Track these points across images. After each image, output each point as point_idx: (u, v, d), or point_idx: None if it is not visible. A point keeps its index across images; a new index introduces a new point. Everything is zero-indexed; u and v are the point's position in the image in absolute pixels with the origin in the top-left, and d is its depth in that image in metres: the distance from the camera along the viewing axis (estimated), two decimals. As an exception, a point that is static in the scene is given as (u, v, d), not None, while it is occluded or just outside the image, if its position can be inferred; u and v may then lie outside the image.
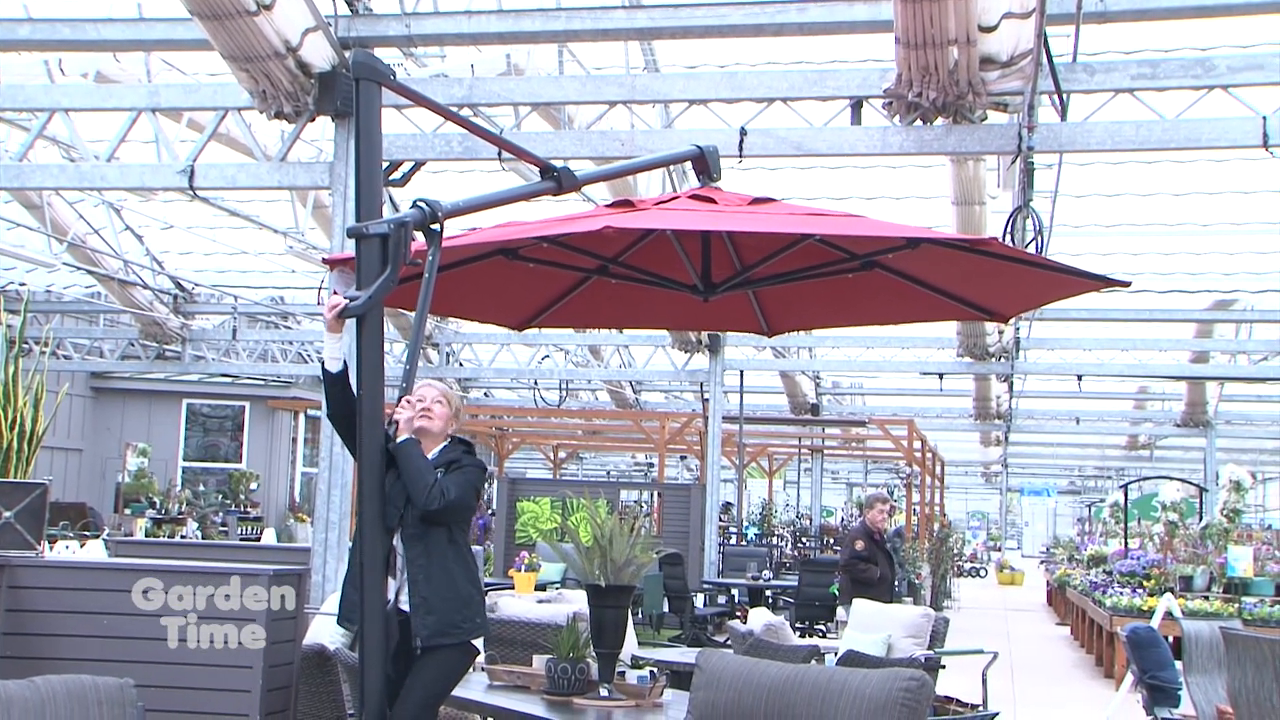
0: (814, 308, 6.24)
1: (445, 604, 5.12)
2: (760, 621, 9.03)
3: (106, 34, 9.98)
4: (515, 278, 5.61)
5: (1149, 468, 36.13)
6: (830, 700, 3.90)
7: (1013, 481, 48.60)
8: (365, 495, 4.77)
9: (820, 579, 15.50)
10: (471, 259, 5.42)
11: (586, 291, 5.88)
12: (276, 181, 10.88)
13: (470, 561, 5.36)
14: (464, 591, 5.19)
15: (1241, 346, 20.47)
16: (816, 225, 4.77)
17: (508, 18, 9.31)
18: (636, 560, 5.79)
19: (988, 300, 5.57)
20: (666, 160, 5.76)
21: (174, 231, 18.52)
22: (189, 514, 22.36)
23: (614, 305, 6.18)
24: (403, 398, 4.98)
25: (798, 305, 6.15)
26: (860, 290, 5.71)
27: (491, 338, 23.05)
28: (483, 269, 5.40)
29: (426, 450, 5.29)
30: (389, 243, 4.57)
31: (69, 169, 11.92)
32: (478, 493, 5.50)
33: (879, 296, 5.79)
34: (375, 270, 4.56)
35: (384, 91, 4.77)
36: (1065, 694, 13.95)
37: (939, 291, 5.50)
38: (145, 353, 22.50)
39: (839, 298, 5.93)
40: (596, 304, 6.08)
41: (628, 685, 5.79)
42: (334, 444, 9.21)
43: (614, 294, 5.93)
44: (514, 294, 5.89)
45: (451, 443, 5.42)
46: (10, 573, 5.58)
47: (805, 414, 25.82)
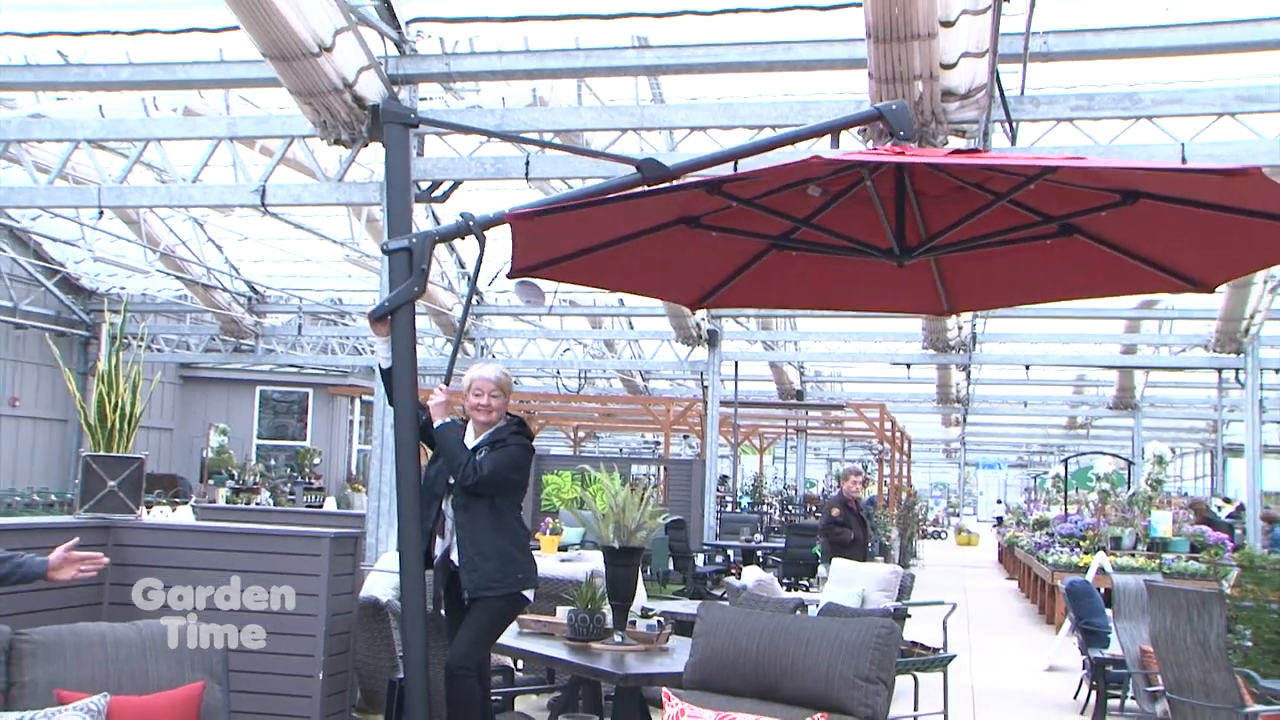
0: (999, 283, 5.07)
1: (487, 562, 5.17)
2: (752, 578, 9.06)
3: (193, 75, 10.02)
4: (692, 250, 4.72)
5: (1085, 444, 36.08)
6: (813, 645, 3.91)
7: (970, 457, 48.50)
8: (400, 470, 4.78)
9: (804, 541, 15.52)
10: (652, 229, 4.46)
11: (764, 267, 4.93)
12: (335, 199, 10.89)
13: (514, 525, 5.37)
14: (505, 551, 5.22)
15: (1164, 340, 20.54)
16: (1057, 161, 3.75)
17: (534, 56, 9.31)
18: (645, 525, 5.81)
19: (1193, 267, 4.48)
20: (841, 124, 4.57)
21: (248, 242, 18.58)
22: (262, 484, 22.47)
23: (788, 282, 5.12)
24: (444, 385, 5.02)
25: (982, 281, 5.03)
26: (1052, 260, 4.64)
27: (520, 333, 23.06)
28: (661, 240, 4.50)
29: (482, 430, 5.37)
30: (414, 255, 4.62)
31: (161, 190, 11.92)
32: (520, 467, 5.41)
33: (1072, 267, 4.69)
34: (403, 277, 4.61)
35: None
36: (1013, 638, 13.95)
37: (1139, 259, 4.44)
38: (224, 346, 22.59)
39: (1027, 270, 4.81)
40: (772, 280, 5.06)
41: (638, 632, 5.82)
42: (385, 424, 9.22)
43: (791, 269, 4.92)
44: (690, 269, 4.99)
45: (504, 424, 5.44)
46: (115, 533, 5.63)
47: (791, 399, 25.81)
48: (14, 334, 19.87)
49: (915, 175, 4.13)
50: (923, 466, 54.04)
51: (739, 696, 3.86)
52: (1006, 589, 21.15)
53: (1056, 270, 4.70)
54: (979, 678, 10.29)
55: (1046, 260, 4.59)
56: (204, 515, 11.07)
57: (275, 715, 5.23)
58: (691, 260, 4.80)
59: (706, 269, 4.95)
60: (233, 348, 22.55)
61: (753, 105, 10.14)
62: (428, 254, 4.62)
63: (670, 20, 8.96)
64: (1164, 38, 8.10)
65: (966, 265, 4.77)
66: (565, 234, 4.25)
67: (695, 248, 4.64)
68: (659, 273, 5.02)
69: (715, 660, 4.04)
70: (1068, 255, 4.44)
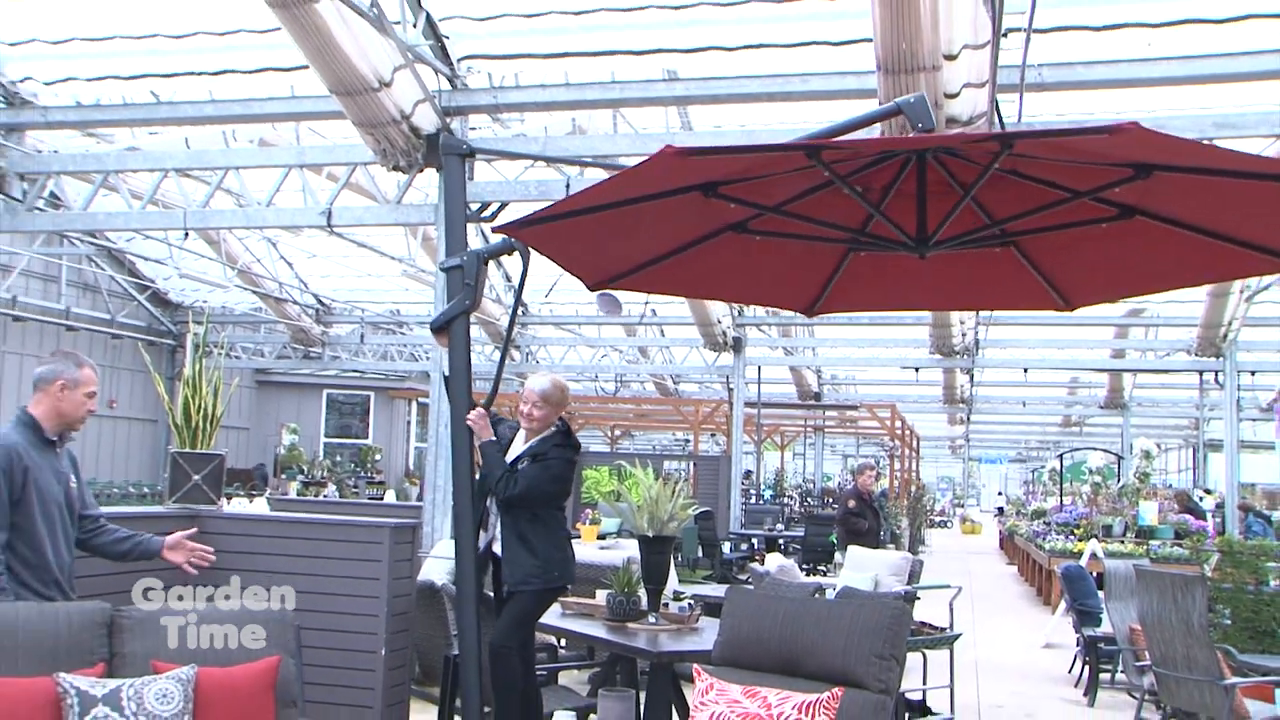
0: (1110, 274, 4.22)
1: (523, 562, 5.17)
2: (775, 564, 9.04)
3: (268, 109, 10.12)
4: (795, 255, 4.16)
5: (1079, 441, 35.83)
6: (831, 625, 3.90)
7: (973, 452, 48.19)
8: (456, 468, 4.82)
9: (822, 530, 15.45)
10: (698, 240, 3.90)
11: (853, 268, 4.27)
12: (393, 220, 10.99)
13: (552, 525, 5.31)
14: (542, 553, 5.19)
15: (1150, 345, 20.41)
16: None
17: (573, 89, 9.33)
18: (677, 516, 5.78)
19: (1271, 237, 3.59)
20: (863, 121, 3.99)
21: (316, 259, 18.72)
22: (329, 478, 22.57)
23: (890, 280, 4.42)
24: (489, 402, 4.98)
25: (1095, 274, 4.21)
26: (1138, 245, 3.81)
27: (562, 340, 23.10)
28: (726, 247, 3.97)
29: (529, 438, 5.33)
30: (466, 272, 4.68)
31: (239, 212, 12.03)
32: (558, 479, 5.32)
33: (1155, 253, 3.82)
34: (458, 292, 4.67)
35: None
36: (1013, 619, 13.84)
37: (1215, 235, 3.58)
38: (295, 354, 22.70)
39: (1119, 254, 3.98)
40: (871, 279, 4.37)
41: (671, 613, 5.81)
42: (439, 424, 9.27)
43: (888, 268, 4.24)
44: (795, 274, 4.35)
45: (551, 433, 5.37)
46: (200, 521, 5.65)
47: (810, 400, 25.70)
48: (111, 343, 20.13)
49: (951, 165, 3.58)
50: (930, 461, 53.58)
51: (764, 672, 3.85)
52: (1007, 573, 21.02)
53: (1153, 255, 3.92)
54: (982, 654, 10.23)
55: (1132, 242, 3.84)
56: (277, 506, 11.16)
57: (343, 687, 5.25)
58: (800, 262, 4.28)
59: (812, 270, 4.37)
60: (302, 355, 22.69)
61: (771, 131, 10.13)
62: (478, 270, 4.67)
63: (697, 55, 8.97)
64: (1147, 70, 8.05)
65: (1068, 260, 4.12)
66: (625, 247, 3.91)
67: (795, 252, 4.16)
68: (758, 279, 4.50)
69: (742, 639, 4.03)
70: (1148, 238, 3.72)
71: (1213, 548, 11.03)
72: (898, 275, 4.38)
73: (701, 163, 3.46)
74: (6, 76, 10.28)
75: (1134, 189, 3.33)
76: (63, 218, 12.80)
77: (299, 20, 7.90)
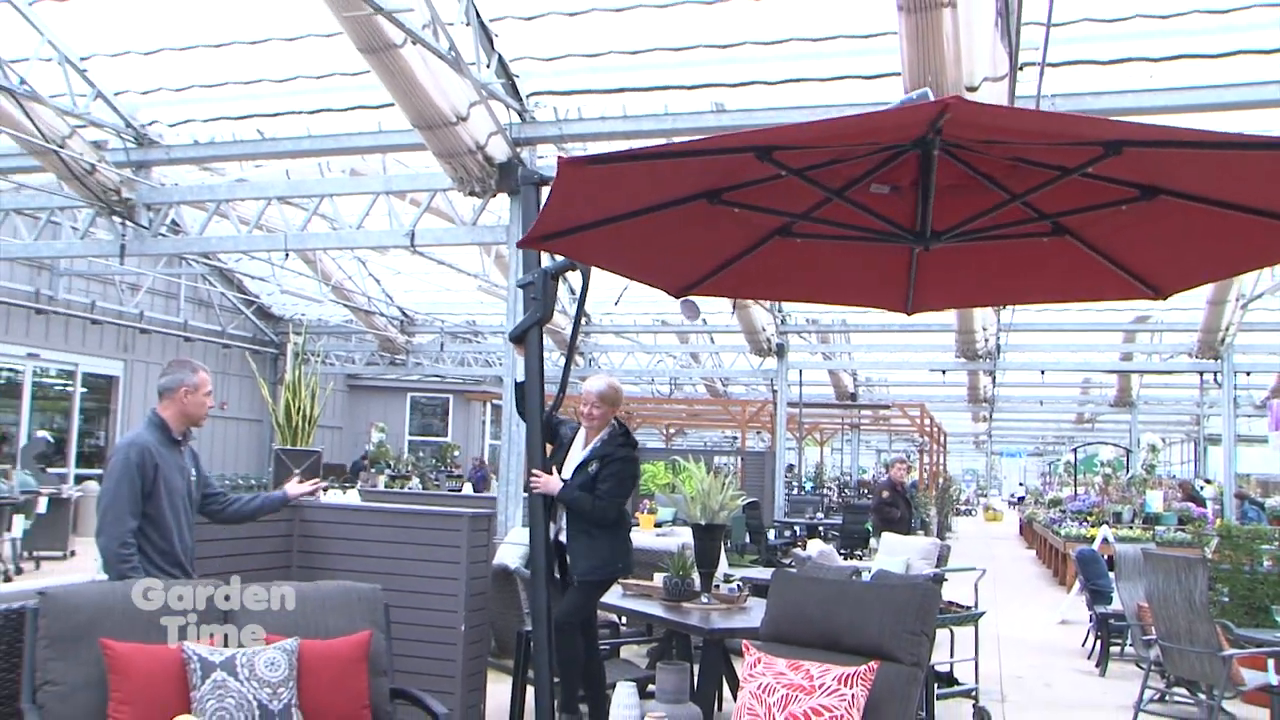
0: (971, 282, 4.11)
1: (586, 557, 5.16)
2: (815, 549, 8.99)
3: (358, 143, 10.23)
4: (697, 232, 3.74)
5: (1091, 436, 35.36)
6: (867, 605, 3.88)
7: (995, 447, 47.63)
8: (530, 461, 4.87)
9: (858, 518, 15.30)
10: (675, 201, 3.43)
11: (765, 254, 3.88)
12: (469, 240, 11.07)
13: (617, 526, 5.27)
14: (604, 546, 5.17)
15: (1155, 349, 20.32)
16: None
17: (630, 120, 9.34)
18: (726, 506, 5.79)
19: (1151, 272, 3.64)
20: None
21: (401, 275, 18.94)
22: (413, 473, 22.75)
23: (788, 271, 4.07)
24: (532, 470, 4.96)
25: (954, 279, 4.04)
26: (1035, 259, 3.75)
27: (621, 347, 23.15)
28: (676, 219, 3.53)
29: (591, 437, 5.30)
30: (537, 287, 4.74)
31: (332, 235, 12.15)
32: (626, 480, 5.25)
33: (1046, 268, 3.79)
34: (531, 305, 4.73)
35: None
36: (1032, 598, 13.67)
37: (1111, 261, 3.60)
38: (382, 360, 23.01)
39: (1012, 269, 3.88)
40: (769, 268, 3.97)
41: (721, 594, 5.80)
42: (511, 423, 9.32)
43: (796, 257, 3.91)
44: (689, 252, 3.95)
45: (610, 434, 5.31)
46: (301, 511, 5.73)
47: (846, 400, 25.52)
48: (222, 352, 20.56)
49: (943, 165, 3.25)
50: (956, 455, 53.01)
51: (806, 647, 3.83)
52: (1026, 557, 20.74)
53: (1038, 268, 3.85)
54: (1004, 630, 10.14)
55: (1030, 258, 3.77)
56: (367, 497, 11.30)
57: (428, 659, 5.30)
58: (692, 243, 3.85)
59: (706, 253, 3.95)
60: (388, 361, 22.98)
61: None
62: (547, 286, 4.73)
63: (742, 89, 8.94)
64: (1149, 99, 7.91)
65: (947, 264, 3.87)
66: (594, 199, 3.37)
67: (701, 230, 3.70)
68: (659, 255, 3.94)
69: (786, 617, 4.02)
70: (1053, 254, 3.65)
71: (1212, 532, 11.06)
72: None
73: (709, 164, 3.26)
74: (138, 121, 10.55)
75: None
76: (182, 242, 13.09)
77: (386, 64, 8.02)
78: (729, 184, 3.41)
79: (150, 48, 9.36)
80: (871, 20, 7.83)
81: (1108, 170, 3.05)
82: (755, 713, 3.48)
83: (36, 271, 16.62)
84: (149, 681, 3.48)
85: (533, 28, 8.60)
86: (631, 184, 3.33)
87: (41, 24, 8.99)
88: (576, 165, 3.05)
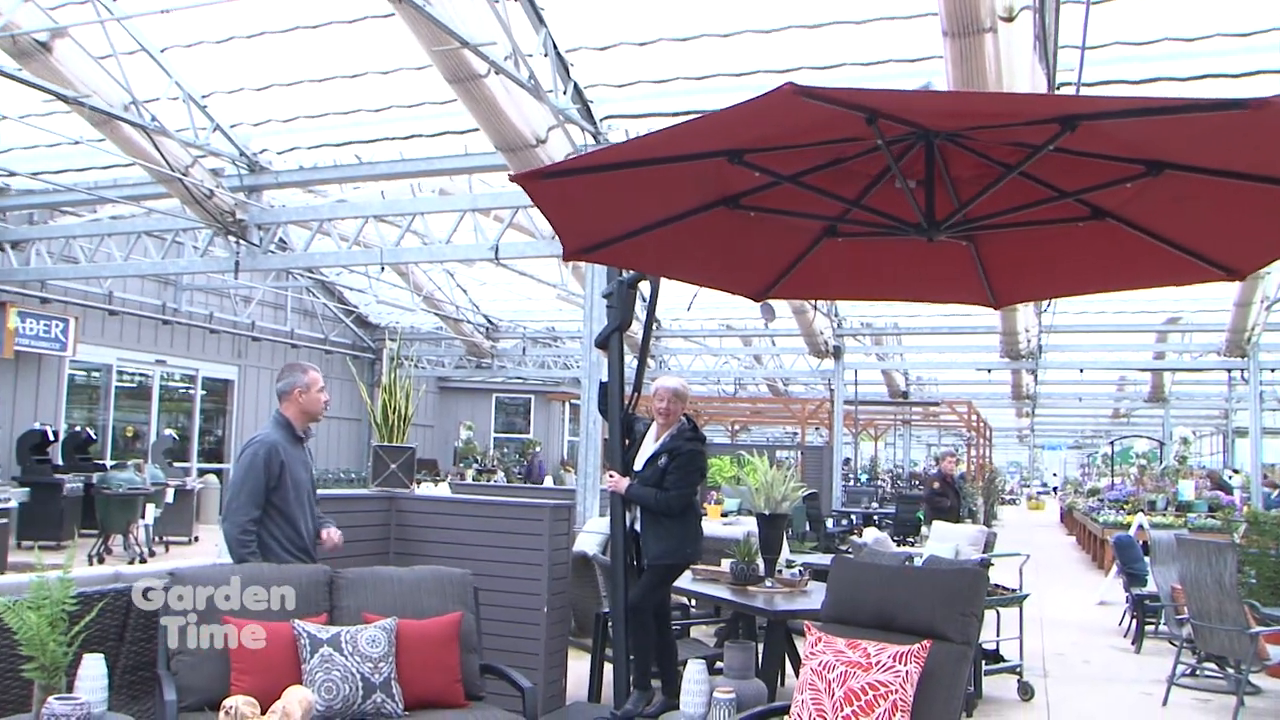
0: (1040, 275, 3.88)
1: (657, 543, 5.16)
2: (871, 537, 8.86)
3: (446, 165, 10.35)
4: (746, 238, 3.61)
5: (1127, 430, 34.54)
6: (920, 588, 3.84)
7: (1037, 440, 46.79)
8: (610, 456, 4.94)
9: (910, 508, 15.13)
10: (693, 210, 3.35)
11: (818, 255, 3.80)
12: (549, 253, 11.09)
13: (686, 515, 5.23)
14: (675, 534, 5.15)
15: (1186, 348, 20.00)
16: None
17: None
18: (788, 496, 5.76)
19: (1223, 253, 3.30)
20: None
21: (486, 286, 19.14)
22: (498, 467, 23.03)
23: (839, 271, 3.93)
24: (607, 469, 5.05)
25: (1024, 275, 3.87)
26: (1088, 246, 3.48)
27: (690, 350, 23.13)
28: (708, 225, 3.47)
29: (662, 432, 5.28)
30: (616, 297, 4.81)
31: (424, 249, 12.29)
32: (695, 472, 5.21)
33: (1109, 254, 3.49)
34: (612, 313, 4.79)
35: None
36: (1072, 581, 13.45)
37: (1170, 244, 3.28)
38: (469, 364, 23.27)
39: (1063, 259, 3.69)
40: (824, 268, 3.89)
41: (784, 578, 5.78)
42: (588, 421, 9.36)
43: (842, 256, 3.77)
44: (746, 258, 3.80)
45: (679, 429, 5.28)
46: (396, 502, 5.79)
47: (898, 397, 25.24)
48: (324, 357, 21.03)
49: (947, 154, 3.15)
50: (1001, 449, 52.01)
51: (864, 628, 3.81)
52: (1067, 543, 20.41)
53: (1097, 256, 3.58)
54: (1046, 611, 10.06)
55: (1086, 245, 3.53)
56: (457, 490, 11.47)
57: (514, 638, 5.35)
58: (748, 249, 3.72)
59: (765, 258, 3.81)
60: (475, 365, 23.24)
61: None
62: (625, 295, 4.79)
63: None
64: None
65: (1007, 260, 3.73)
66: (606, 213, 3.31)
67: (748, 235, 3.60)
68: (718, 262, 3.85)
69: (844, 600, 4.00)
70: (1108, 240, 3.40)
71: (1241, 519, 10.98)
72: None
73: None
74: (250, 150, 10.87)
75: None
76: (289, 258, 13.41)
77: (471, 93, 8.15)
78: (740, 190, 3.38)
79: (261, 84, 9.63)
80: (919, 45, 7.73)
81: (1075, 144, 2.80)
82: (816, 688, 3.48)
83: (163, 287, 17.23)
84: (265, 654, 3.61)
85: (605, 57, 8.66)
86: (637, 192, 3.27)
87: (170, 67, 9.33)
88: (530, 179, 3.09)
